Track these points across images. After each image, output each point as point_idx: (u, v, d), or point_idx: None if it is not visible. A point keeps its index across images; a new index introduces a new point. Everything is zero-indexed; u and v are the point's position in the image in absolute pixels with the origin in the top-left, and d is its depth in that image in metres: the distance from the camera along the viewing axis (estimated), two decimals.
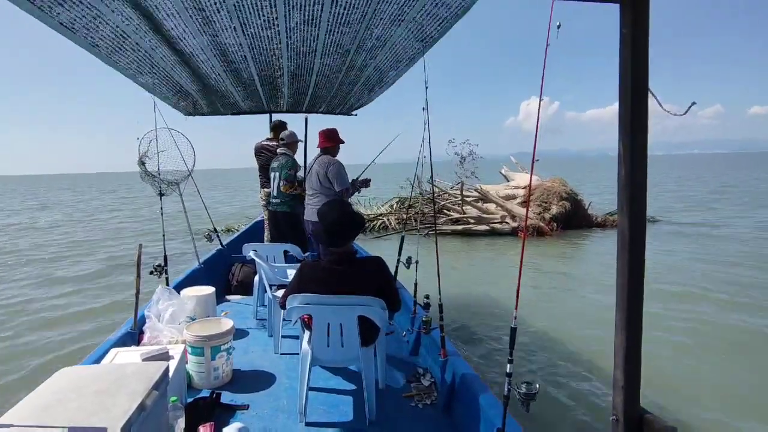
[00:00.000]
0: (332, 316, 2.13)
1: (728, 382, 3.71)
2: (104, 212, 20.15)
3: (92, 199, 30.32)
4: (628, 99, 1.01)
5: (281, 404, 2.38)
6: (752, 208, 14.78)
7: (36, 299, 6.28)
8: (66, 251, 10.20)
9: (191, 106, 4.51)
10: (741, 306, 5.43)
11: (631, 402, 1.04)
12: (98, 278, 7.42)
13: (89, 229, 14.32)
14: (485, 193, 11.35)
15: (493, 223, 10.83)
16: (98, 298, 6.28)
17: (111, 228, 14.29)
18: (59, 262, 8.90)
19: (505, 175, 13.63)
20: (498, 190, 12.25)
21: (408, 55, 2.95)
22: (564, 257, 8.60)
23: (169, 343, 2.70)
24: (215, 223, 4.99)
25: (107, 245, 10.90)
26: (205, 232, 4.75)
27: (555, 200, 10.94)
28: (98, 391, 1.59)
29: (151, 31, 2.33)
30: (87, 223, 16.15)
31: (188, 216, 4.33)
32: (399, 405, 2.41)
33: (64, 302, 6.12)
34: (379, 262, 2.24)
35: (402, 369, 2.82)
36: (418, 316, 3.18)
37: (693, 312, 5.23)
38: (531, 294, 5.92)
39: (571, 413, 3.27)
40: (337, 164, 3.76)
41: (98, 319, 5.37)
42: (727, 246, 8.94)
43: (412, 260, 3.34)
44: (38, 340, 4.75)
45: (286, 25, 2.32)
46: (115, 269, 8.00)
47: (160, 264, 3.32)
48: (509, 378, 1.70)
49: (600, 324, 4.56)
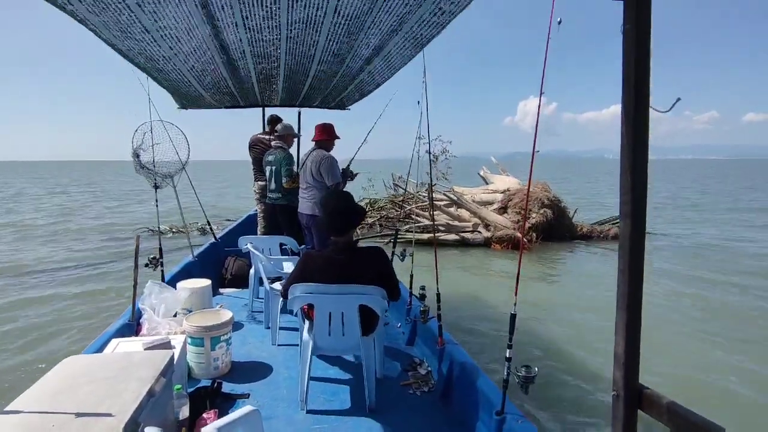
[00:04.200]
0: (334, 305, 2.18)
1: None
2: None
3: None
4: (631, 97, 1.07)
5: (281, 393, 2.41)
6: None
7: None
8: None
9: (186, 99, 4.48)
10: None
11: (631, 377, 1.11)
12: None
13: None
14: (459, 196, 9.91)
15: (463, 232, 9.40)
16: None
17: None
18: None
19: (484, 177, 12.25)
20: (474, 194, 10.88)
21: (403, 59, 3.00)
22: (544, 277, 7.32)
23: (168, 334, 2.71)
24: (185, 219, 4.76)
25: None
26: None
27: (536, 207, 9.59)
28: (107, 378, 1.60)
29: (149, 23, 2.32)
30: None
31: (182, 209, 4.32)
32: (397, 393, 2.46)
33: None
34: (380, 252, 2.29)
35: (399, 359, 2.87)
36: (414, 308, 3.24)
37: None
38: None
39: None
40: (330, 159, 3.79)
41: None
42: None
43: (407, 253, 3.40)
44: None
45: (288, 18, 2.34)
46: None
47: (155, 257, 3.31)
48: (509, 363, 1.77)
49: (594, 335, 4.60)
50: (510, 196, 10.23)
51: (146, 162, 3.57)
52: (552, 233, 9.52)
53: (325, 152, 3.86)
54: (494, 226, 9.43)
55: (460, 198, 9.88)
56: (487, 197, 10.76)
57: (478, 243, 9.28)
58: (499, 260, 8.34)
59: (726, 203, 19.08)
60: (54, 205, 18.47)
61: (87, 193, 25.86)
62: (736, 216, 14.68)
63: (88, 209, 17.12)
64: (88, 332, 4.44)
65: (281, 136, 4.49)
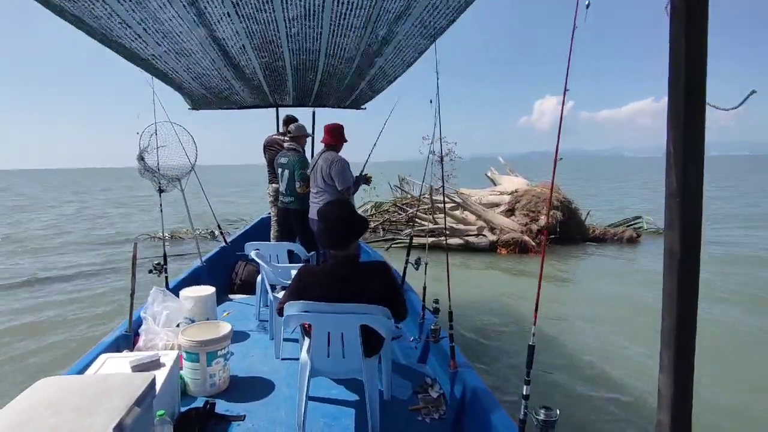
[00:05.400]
0: (333, 325, 1.98)
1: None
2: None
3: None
4: (681, 86, 0.83)
5: (279, 416, 2.24)
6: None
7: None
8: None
9: (197, 99, 4.39)
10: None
11: (680, 426, 0.86)
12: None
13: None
14: (464, 198, 9.53)
15: (468, 235, 8.99)
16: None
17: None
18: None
19: (492, 179, 11.74)
20: (481, 196, 10.47)
21: (415, 50, 2.79)
22: (555, 280, 6.88)
23: (164, 347, 2.58)
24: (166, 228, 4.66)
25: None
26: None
27: (545, 209, 9.22)
28: (76, 407, 1.46)
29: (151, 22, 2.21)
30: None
31: (190, 213, 4.22)
32: (405, 419, 2.25)
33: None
34: (385, 268, 2.08)
35: (409, 378, 2.66)
36: (427, 322, 3.03)
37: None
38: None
39: None
40: (341, 162, 3.60)
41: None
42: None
43: (421, 261, 3.18)
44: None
45: (285, 15, 2.17)
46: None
47: (159, 262, 3.21)
48: (526, 401, 1.54)
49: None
50: (518, 197, 9.74)
51: (151, 165, 3.47)
52: (562, 235, 9.05)
53: (335, 154, 3.68)
54: (500, 229, 8.99)
55: (465, 200, 9.50)
56: (494, 199, 10.36)
57: (483, 247, 8.84)
58: (505, 266, 7.91)
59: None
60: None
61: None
62: None
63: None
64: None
65: (295, 137, 4.34)
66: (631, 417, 3.20)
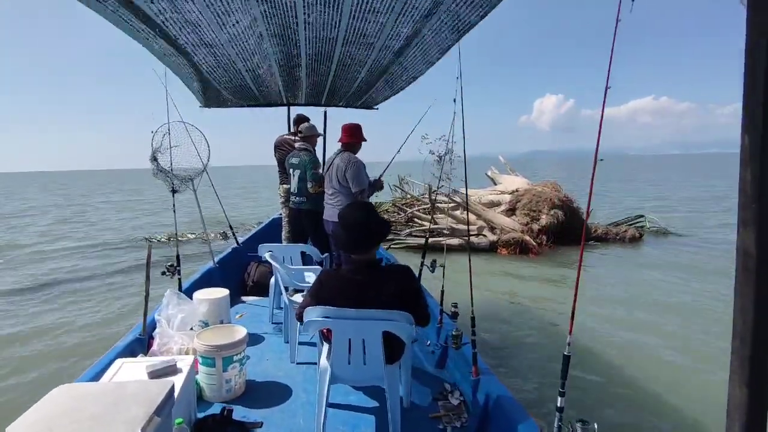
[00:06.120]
0: (354, 332, 1.92)
1: None
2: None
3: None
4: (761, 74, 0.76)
5: (297, 423, 2.18)
6: None
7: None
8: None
9: (210, 96, 4.35)
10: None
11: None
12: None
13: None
14: (463, 198, 8.94)
15: (466, 235, 8.71)
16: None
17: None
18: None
19: (492, 178, 11.68)
20: (481, 196, 10.44)
21: (440, 47, 2.72)
22: (555, 284, 6.65)
23: (179, 350, 2.54)
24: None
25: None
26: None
27: (546, 208, 9.00)
28: (94, 416, 1.41)
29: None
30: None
31: (202, 214, 4.19)
32: (426, 427, 2.19)
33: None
34: (407, 272, 2.01)
35: (427, 384, 2.59)
36: (445, 326, 2.96)
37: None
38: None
39: None
40: (358, 163, 3.54)
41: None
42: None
43: (437, 264, 3.12)
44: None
45: (305, 1, 2.12)
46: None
47: (173, 264, 3.17)
48: (560, 413, 1.47)
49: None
50: (518, 196, 9.66)
51: (164, 165, 3.43)
52: (564, 235, 8.92)
53: (352, 155, 3.61)
54: (500, 229, 8.84)
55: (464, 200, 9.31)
56: (495, 198, 10.29)
57: (483, 248, 8.70)
58: (506, 267, 7.76)
59: None
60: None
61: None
62: None
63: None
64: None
65: (306, 137, 4.29)
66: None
